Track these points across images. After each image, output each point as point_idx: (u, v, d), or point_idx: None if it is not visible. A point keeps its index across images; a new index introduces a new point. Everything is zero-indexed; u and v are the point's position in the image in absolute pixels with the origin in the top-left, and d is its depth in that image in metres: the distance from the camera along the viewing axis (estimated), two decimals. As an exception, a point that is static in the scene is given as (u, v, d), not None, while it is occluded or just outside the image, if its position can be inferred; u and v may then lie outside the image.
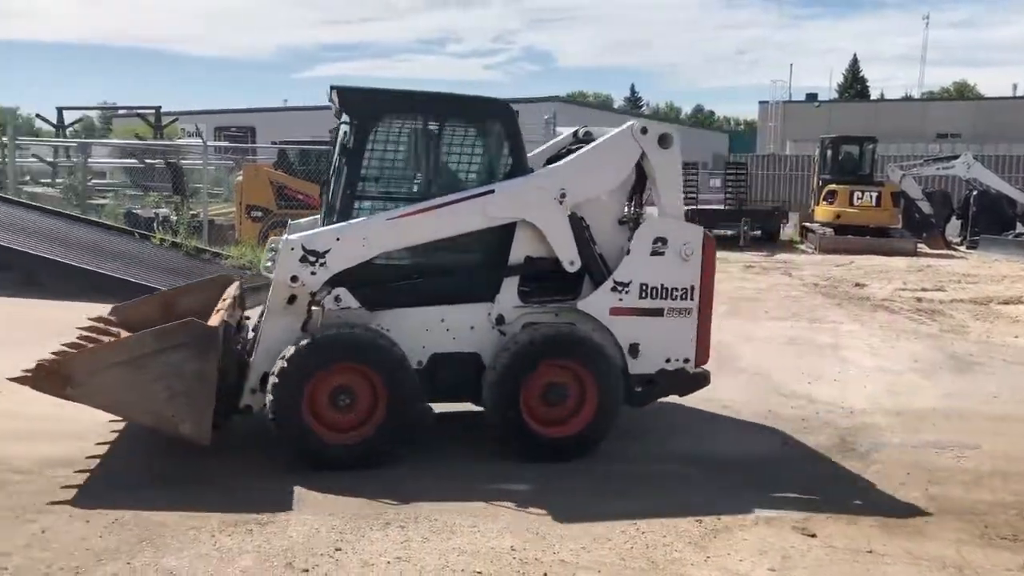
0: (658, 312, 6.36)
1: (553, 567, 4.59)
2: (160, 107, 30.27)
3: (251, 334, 6.70)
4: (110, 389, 5.70)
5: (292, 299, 6.00)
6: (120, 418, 6.23)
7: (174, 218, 16.98)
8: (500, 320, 6.25)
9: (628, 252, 6.35)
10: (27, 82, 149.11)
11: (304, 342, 5.78)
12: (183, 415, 5.63)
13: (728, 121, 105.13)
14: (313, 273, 5.93)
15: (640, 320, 6.35)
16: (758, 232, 23.93)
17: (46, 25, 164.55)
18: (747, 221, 23.46)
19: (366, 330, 5.97)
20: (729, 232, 23.62)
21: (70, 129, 31.32)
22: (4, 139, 19.20)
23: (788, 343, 10.62)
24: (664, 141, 6.43)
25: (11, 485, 5.40)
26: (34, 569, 4.35)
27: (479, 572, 4.51)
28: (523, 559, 4.66)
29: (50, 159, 24.18)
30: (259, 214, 17.19)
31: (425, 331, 6.18)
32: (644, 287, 6.33)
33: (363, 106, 6.30)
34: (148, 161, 22.33)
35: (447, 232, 6.19)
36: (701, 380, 6.62)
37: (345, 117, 6.38)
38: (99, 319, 7.14)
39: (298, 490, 5.48)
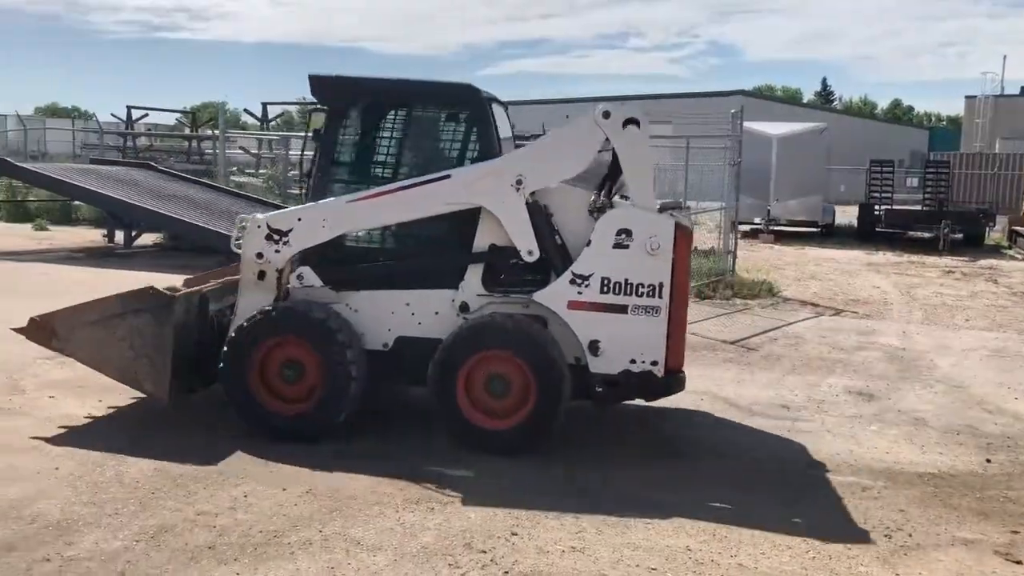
0: (621, 309, 5.94)
1: (730, 571, 4.48)
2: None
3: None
4: (86, 345, 6.31)
5: (262, 275, 6.23)
6: (96, 371, 6.51)
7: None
8: (464, 308, 6.16)
9: (589, 243, 6.01)
10: (235, 79, 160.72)
11: (255, 314, 6.04)
12: (144, 374, 6.14)
13: (928, 117, 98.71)
14: (277, 251, 6.19)
15: (601, 316, 5.96)
16: (959, 235, 22.31)
17: (250, 27, 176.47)
18: (948, 223, 21.91)
19: (317, 308, 6.09)
20: (927, 235, 22.22)
21: (272, 123, 33.38)
22: (215, 132, 20.74)
23: (992, 355, 9.86)
24: (628, 126, 6.02)
25: (217, 448, 5.84)
26: (237, 530, 4.69)
27: (653, 569, 4.47)
28: (699, 560, 4.58)
29: (254, 151, 25.93)
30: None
31: (391, 314, 6.23)
32: (606, 281, 5.94)
33: (334, 93, 6.44)
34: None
35: (404, 217, 6.23)
36: (672, 385, 6.12)
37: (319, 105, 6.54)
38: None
39: (477, 474, 5.63)
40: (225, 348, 6.10)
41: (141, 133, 30.15)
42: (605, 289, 5.94)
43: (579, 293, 5.97)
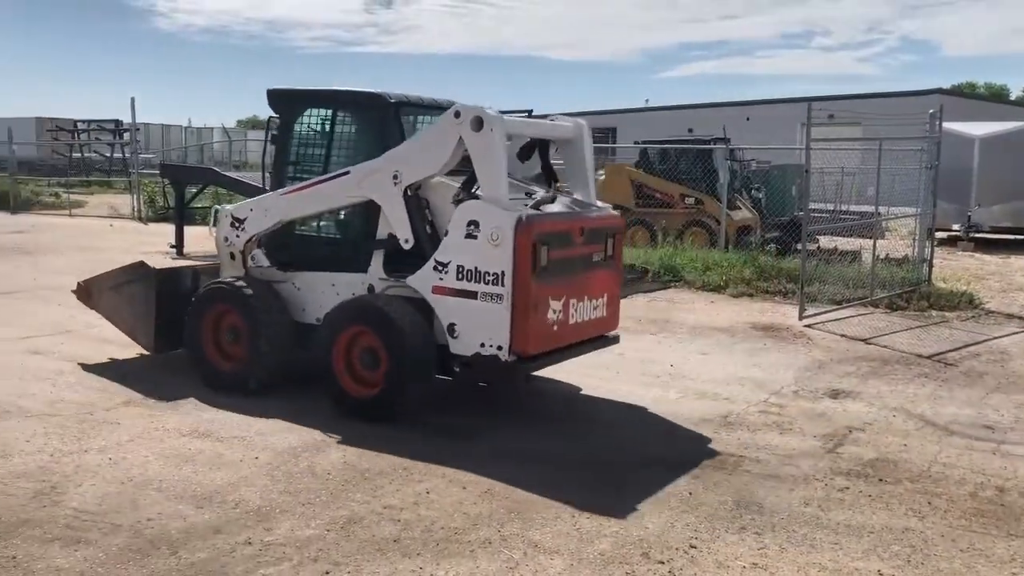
0: (472, 295, 6.32)
1: (928, 600, 4.20)
2: (531, 111, 32.06)
3: None
4: (106, 305, 8.09)
5: (232, 256, 7.56)
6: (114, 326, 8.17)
7: (540, 214, 18.00)
8: (371, 290, 6.89)
9: (447, 233, 6.45)
10: (419, 90, 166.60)
11: (202, 288, 7.42)
12: (139, 330, 7.82)
13: None
14: (238, 236, 7.50)
15: (458, 301, 6.39)
16: None
17: (435, 39, 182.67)
18: None
19: (252, 284, 7.22)
20: None
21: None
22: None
23: None
24: (477, 124, 6.31)
25: (402, 445, 6.07)
26: (420, 525, 4.85)
27: (842, 592, 4.25)
28: (892, 586, 4.32)
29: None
30: (618, 212, 17.66)
31: (322, 293, 7.16)
32: (461, 269, 6.36)
33: (282, 103, 7.51)
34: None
35: (319, 208, 7.19)
36: (515, 370, 6.33)
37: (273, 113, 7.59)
38: None
39: (654, 484, 5.55)
40: (186, 317, 7.41)
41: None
42: (460, 276, 6.38)
43: (440, 279, 6.46)
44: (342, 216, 7.36)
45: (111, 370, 7.68)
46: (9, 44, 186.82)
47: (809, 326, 10.85)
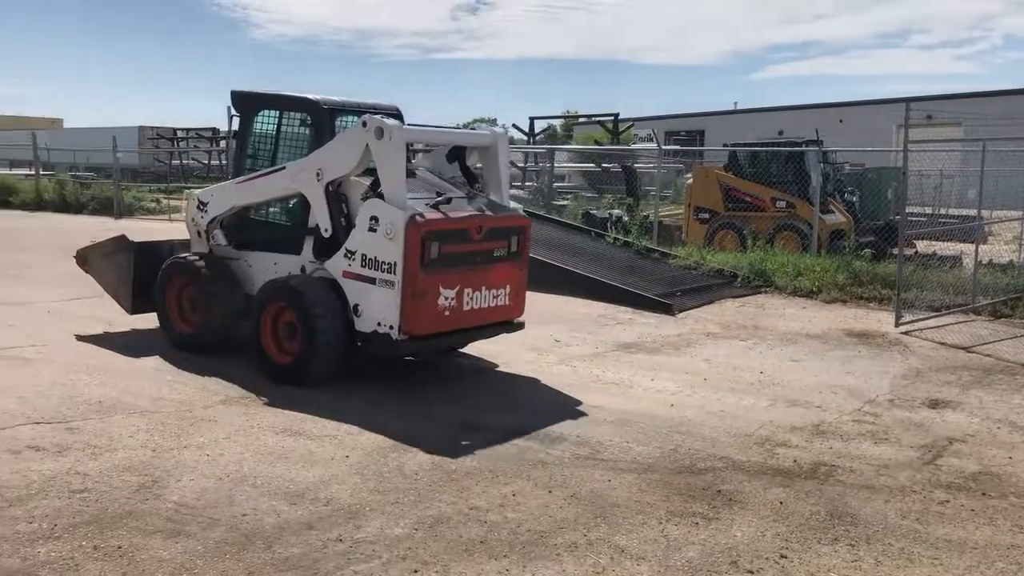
0: (372, 280, 7.27)
1: (1035, 621, 4.01)
2: (618, 114, 32.02)
3: None
4: (98, 270, 9.57)
5: (199, 234, 8.76)
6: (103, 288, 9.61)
7: (626, 219, 17.91)
8: (303, 270, 7.89)
9: (355, 226, 7.42)
10: (505, 95, 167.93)
11: (168, 261, 8.72)
12: (121, 293, 9.25)
13: None
14: (202, 217, 8.71)
15: (361, 285, 7.34)
16: None
17: (520, 44, 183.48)
18: None
19: (207, 260, 8.47)
20: None
21: (539, 136, 34.52)
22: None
23: None
24: (379, 133, 7.21)
25: (490, 449, 6.11)
26: (506, 527, 4.87)
27: (942, 609, 4.10)
28: (996, 605, 4.14)
29: (521, 164, 26.93)
30: (706, 216, 17.45)
31: (266, 271, 8.21)
32: (364, 257, 7.30)
33: (241, 104, 8.65)
34: (604, 165, 23.83)
35: (261, 197, 8.32)
36: (403, 347, 7.31)
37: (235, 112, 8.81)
38: None
39: (745, 492, 5.46)
40: (156, 286, 8.74)
41: (419, 150, 32.22)
42: (364, 263, 7.31)
43: (349, 265, 7.42)
44: (287, 205, 8.41)
45: (208, 369, 7.94)
46: (113, 56, 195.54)
47: (906, 333, 10.50)
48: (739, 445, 6.40)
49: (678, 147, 34.85)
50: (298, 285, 7.57)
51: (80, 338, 9.02)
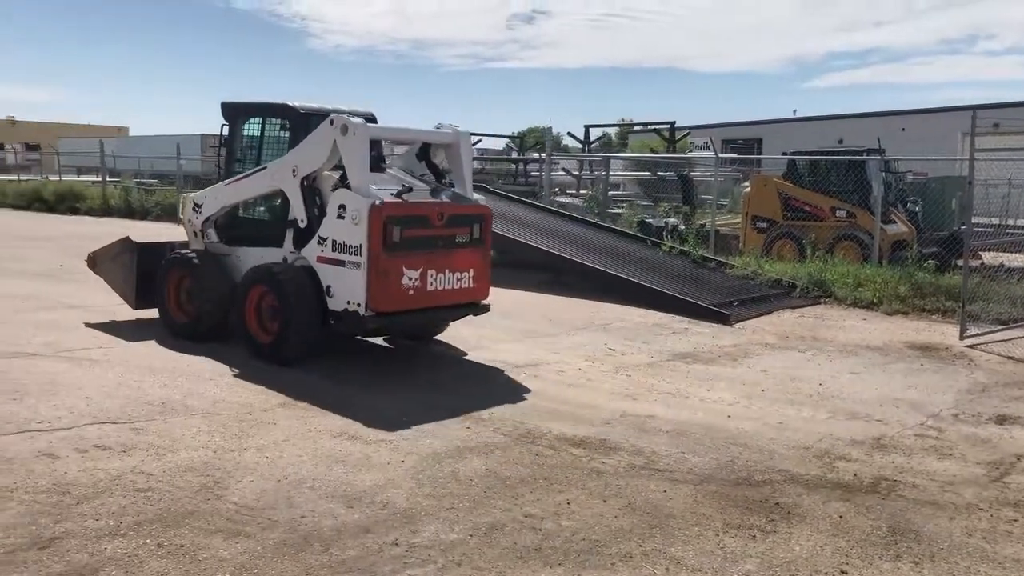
0: (341, 263, 8.01)
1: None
2: (674, 122, 31.78)
3: None
4: (107, 272, 10.41)
5: (195, 233, 9.64)
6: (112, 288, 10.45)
7: (682, 227, 17.76)
8: (285, 260, 8.65)
9: (326, 214, 8.20)
10: (559, 103, 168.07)
11: (168, 256, 9.61)
12: (126, 292, 10.10)
13: None
14: (197, 216, 9.59)
15: (333, 268, 8.09)
16: None
17: (575, 53, 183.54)
18: None
19: (200, 256, 9.34)
20: None
21: (593, 144, 34.43)
22: (541, 155, 21.79)
23: None
24: (344, 130, 7.98)
25: (544, 457, 6.10)
26: (561, 535, 4.86)
27: (1010, 631, 3.98)
28: (1068, 628, 4.01)
29: (575, 172, 26.89)
30: (764, 224, 17.23)
31: (254, 264, 8.85)
32: (334, 242, 8.06)
33: (228, 112, 9.48)
34: (660, 174, 23.66)
35: (247, 195, 9.21)
36: (370, 322, 7.94)
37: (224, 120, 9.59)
38: None
39: (803, 505, 5.37)
40: (158, 280, 9.60)
41: (476, 157, 32.43)
42: (334, 248, 8.07)
43: (322, 250, 8.19)
44: (271, 203, 9.22)
45: (267, 373, 8.08)
46: (177, 67, 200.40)
47: (971, 346, 10.23)
48: (797, 458, 6.30)
49: (735, 155, 34.45)
50: (277, 271, 8.42)
51: (141, 339, 9.26)
